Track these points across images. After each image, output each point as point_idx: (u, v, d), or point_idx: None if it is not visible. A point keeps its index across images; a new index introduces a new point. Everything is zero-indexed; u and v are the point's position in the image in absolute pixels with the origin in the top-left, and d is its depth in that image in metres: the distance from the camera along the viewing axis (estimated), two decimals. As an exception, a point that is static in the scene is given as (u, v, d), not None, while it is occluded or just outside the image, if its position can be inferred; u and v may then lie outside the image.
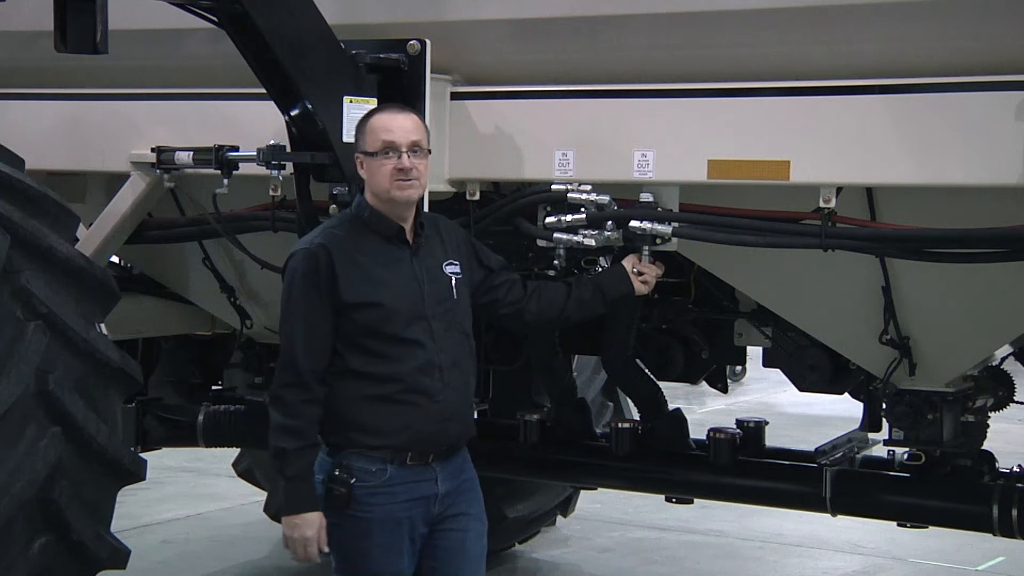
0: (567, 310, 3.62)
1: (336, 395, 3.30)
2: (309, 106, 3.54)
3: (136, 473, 3.66)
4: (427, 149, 3.37)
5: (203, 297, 4.90)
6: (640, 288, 3.67)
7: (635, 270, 3.65)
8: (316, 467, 3.30)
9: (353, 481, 3.26)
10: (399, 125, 3.33)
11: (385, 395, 3.28)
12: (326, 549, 3.29)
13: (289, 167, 3.75)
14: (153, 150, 4.10)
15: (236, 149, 3.92)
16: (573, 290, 3.63)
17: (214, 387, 5.39)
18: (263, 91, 3.63)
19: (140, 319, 4.94)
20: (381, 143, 3.32)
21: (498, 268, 3.56)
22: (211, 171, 3.98)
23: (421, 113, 3.53)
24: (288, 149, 3.70)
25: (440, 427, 3.34)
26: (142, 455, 3.92)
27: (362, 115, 3.43)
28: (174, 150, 4.05)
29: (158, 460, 5.44)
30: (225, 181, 3.95)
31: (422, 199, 3.43)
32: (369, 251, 3.33)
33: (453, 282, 3.42)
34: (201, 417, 5.15)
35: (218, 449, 5.39)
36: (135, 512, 6.71)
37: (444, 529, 3.38)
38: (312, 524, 3.24)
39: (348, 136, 3.56)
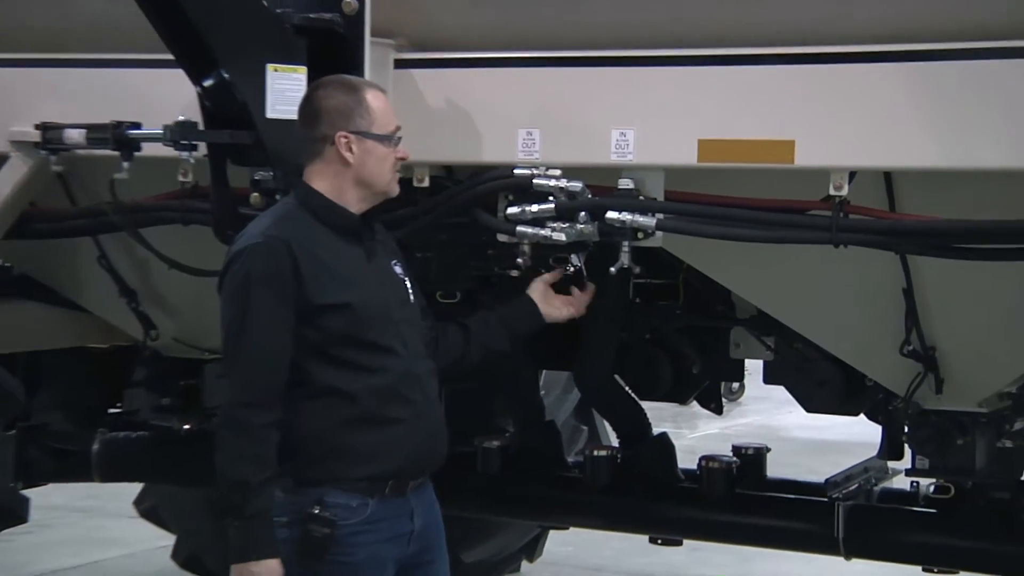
0: (468, 356, 3.73)
1: (306, 419, 3.31)
2: (226, 75, 3.54)
3: (17, 514, 3.65)
4: None
5: (99, 303, 4.88)
6: (560, 313, 3.77)
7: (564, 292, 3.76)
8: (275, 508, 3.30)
9: (335, 520, 3.29)
10: (392, 108, 3.41)
11: (368, 414, 3.33)
12: None
13: (202, 148, 3.75)
14: (37, 127, 4.08)
15: (138, 126, 3.91)
16: (474, 333, 3.71)
17: (112, 410, 5.37)
18: (170, 57, 3.63)
19: (22, 329, 4.91)
20: (394, 127, 3.40)
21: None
22: (108, 152, 3.96)
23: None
24: (201, 126, 3.70)
25: (427, 445, 3.43)
26: (24, 492, 3.91)
27: (325, 86, 3.40)
28: (62, 127, 4.03)
29: (44, 498, 5.41)
30: (125, 164, 3.94)
31: None
32: (326, 246, 3.36)
33: (407, 283, 3.50)
34: (96, 446, 5.12)
35: (116, 485, 5.37)
36: (16, 561, 6.64)
37: (413, 569, 3.45)
38: (275, 572, 3.25)
39: (273, 111, 3.57)
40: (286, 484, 3.31)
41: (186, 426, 5.03)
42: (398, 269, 3.51)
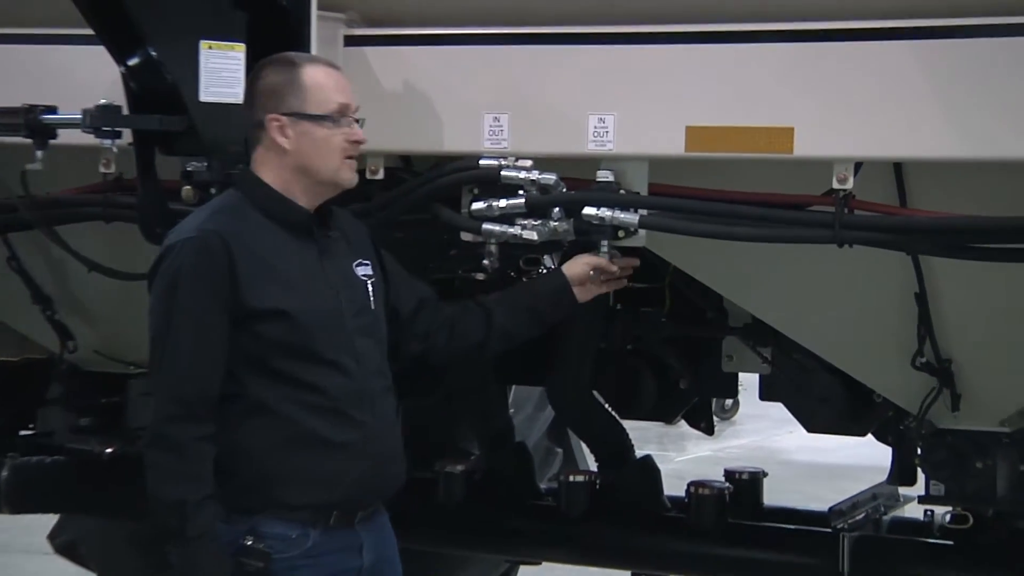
0: (488, 344, 3.73)
1: (241, 439, 3.33)
2: (153, 53, 3.54)
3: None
4: None
5: (8, 310, 4.87)
6: (593, 291, 3.74)
7: (594, 272, 3.71)
8: None
9: (270, 553, 3.30)
10: (346, 84, 3.41)
11: (310, 435, 3.33)
12: None
13: (127, 135, 3.74)
14: (-61, 111, 4.08)
15: (54, 111, 3.90)
16: (496, 320, 3.70)
17: (23, 432, 5.35)
18: (91, 33, 3.62)
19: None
20: (337, 105, 3.39)
21: (410, 288, 3.63)
22: (19, 140, 3.95)
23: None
24: (125, 111, 3.69)
25: (379, 471, 3.43)
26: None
27: (265, 65, 3.41)
28: (-33, 112, 4.03)
29: (-53, 532, 5.39)
30: (39, 154, 3.93)
31: None
32: (270, 244, 3.37)
33: (369, 287, 3.49)
34: (5, 473, 5.11)
35: (29, 517, 5.35)
36: (-85, 603, 6.65)
37: None
38: None
39: (207, 93, 3.57)
40: (217, 512, 3.32)
41: (108, 449, 5.02)
42: (361, 270, 3.50)
